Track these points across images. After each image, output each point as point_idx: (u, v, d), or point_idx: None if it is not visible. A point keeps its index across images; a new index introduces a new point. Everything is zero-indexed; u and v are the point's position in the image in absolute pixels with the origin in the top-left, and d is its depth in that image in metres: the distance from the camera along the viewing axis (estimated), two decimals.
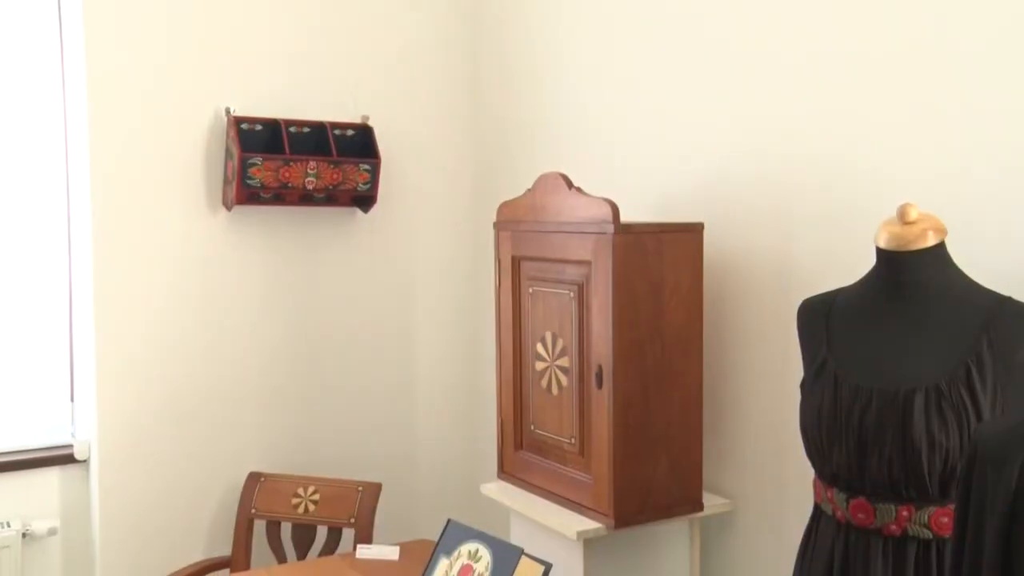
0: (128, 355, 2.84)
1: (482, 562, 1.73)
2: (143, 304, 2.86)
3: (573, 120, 2.90)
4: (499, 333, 2.55)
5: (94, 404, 2.81)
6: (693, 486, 2.28)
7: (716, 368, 2.40)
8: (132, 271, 2.84)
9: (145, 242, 2.86)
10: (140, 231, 2.85)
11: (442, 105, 3.31)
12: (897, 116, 1.97)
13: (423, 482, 3.30)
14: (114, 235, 2.82)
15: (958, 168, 1.85)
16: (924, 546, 1.56)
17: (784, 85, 2.21)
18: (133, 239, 2.84)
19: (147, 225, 2.86)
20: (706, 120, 2.43)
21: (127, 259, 2.84)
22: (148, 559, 2.85)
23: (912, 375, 1.56)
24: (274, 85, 3.01)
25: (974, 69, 1.83)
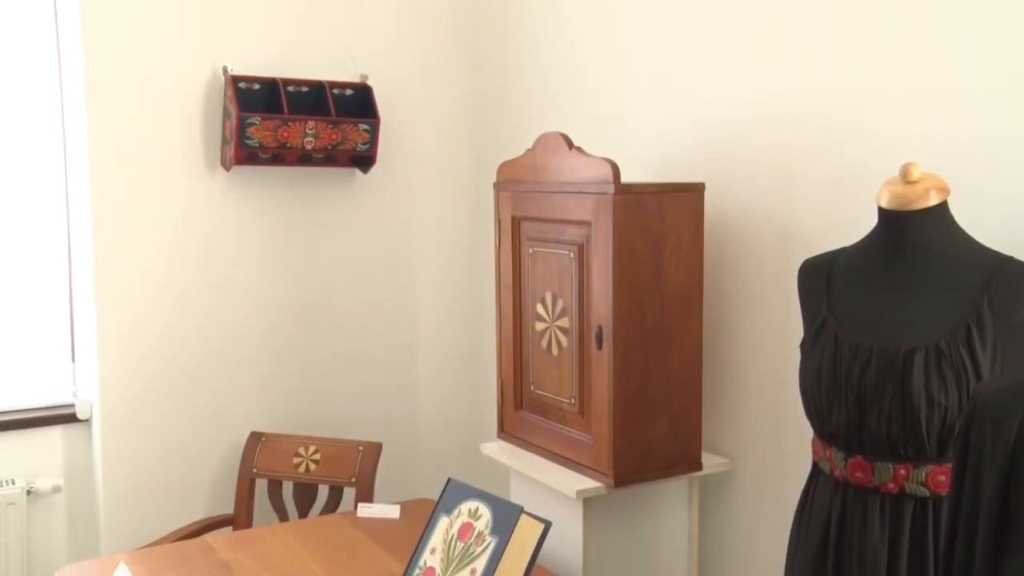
0: (128, 316, 2.84)
1: (482, 520, 1.74)
2: (142, 265, 2.86)
3: (574, 79, 2.87)
4: (499, 294, 2.55)
5: (95, 365, 2.82)
6: (692, 446, 2.29)
7: (716, 328, 2.40)
8: (130, 231, 2.83)
9: (143, 202, 2.85)
10: (138, 191, 2.84)
11: (442, 64, 3.28)
12: (900, 75, 1.95)
13: (423, 442, 3.32)
14: (112, 195, 2.81)
15: (962, 127, 1.84)
16: (921, 504, 1.57)
17: (785, 45, 2.19)
18: (131, 199, 2.83)
19: (145, 185, 2.85)
20: (707, 80, 2.41)
21: (125, 219, 2.83)
22: (151, 517, 2.87)
23: (912, 334, 1.57)
24: (272, 43, 2.98)
25: (978, 28, 1.81)
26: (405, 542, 2.25)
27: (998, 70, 1.78)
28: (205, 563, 2.19)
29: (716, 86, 2.39)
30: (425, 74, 3.25)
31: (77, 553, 2.91)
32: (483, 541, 1.71)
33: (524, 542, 1.70)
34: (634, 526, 2.35)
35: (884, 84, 1.98)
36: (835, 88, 2.08)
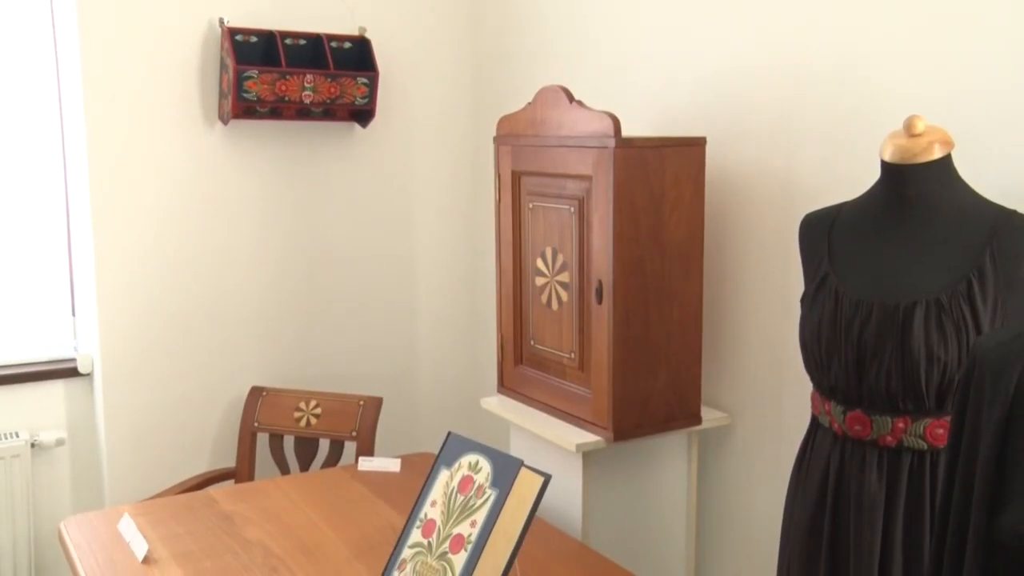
0: (127, 271, 2.84)
1: (482, 473, 1.75)
2: (140, 219, 2.85)
3: (574, 33, 2.84)
4: (499, 249, 2.54)
5: (95, 319, 2.82)
6: (692, 400, 2.30)
7: (716, 283, 2.40)
8: (128, 185, 2.82)
9: (140, 156, 2.83)
10: (135, 145, 2.82)
11: (441, 17, 3.24)
12: (904, 26, 1.92)
13: (423, 396, 3.33)
14: (109, 149, 2.79)
15: (966, 79, 1.82)
16: (918, 457, 1.58)
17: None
18: (128, 153, 2.81)
19: (142, 139, 2.83)
20: (708, 33, 2.38)
21: (123, 173, 2.81)
22: (154, 470, 2.90)
23: (913, 289, 1.56)
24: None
25: None
26: (406, 495, 2.27)
27: (1004, 20, 1.75)
28: (208, 515, 2.22)
29: (718, 39, 2.36)
30: (424, 27, 3.21)
31: (81, 505, 2.94)
32: (483, 494, 1.72)
33: (524, 495, 1.71)
34: (633, 480, 2.37)
35: (888, 35, 1.95)
36: (838, 40, 2.06)
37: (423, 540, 1.76)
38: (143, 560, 1.97)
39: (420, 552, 1.75)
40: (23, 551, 2.82)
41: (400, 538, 1.81)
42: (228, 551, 2.02)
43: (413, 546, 1.77)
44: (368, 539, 2.07)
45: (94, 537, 2.10)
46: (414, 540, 1.78)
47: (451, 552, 1.69)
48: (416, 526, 1.80)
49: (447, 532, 1.73)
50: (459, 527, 1.72)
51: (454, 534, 1.71)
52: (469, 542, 1.68)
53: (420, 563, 1.73)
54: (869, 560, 1.60)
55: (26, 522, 2.82)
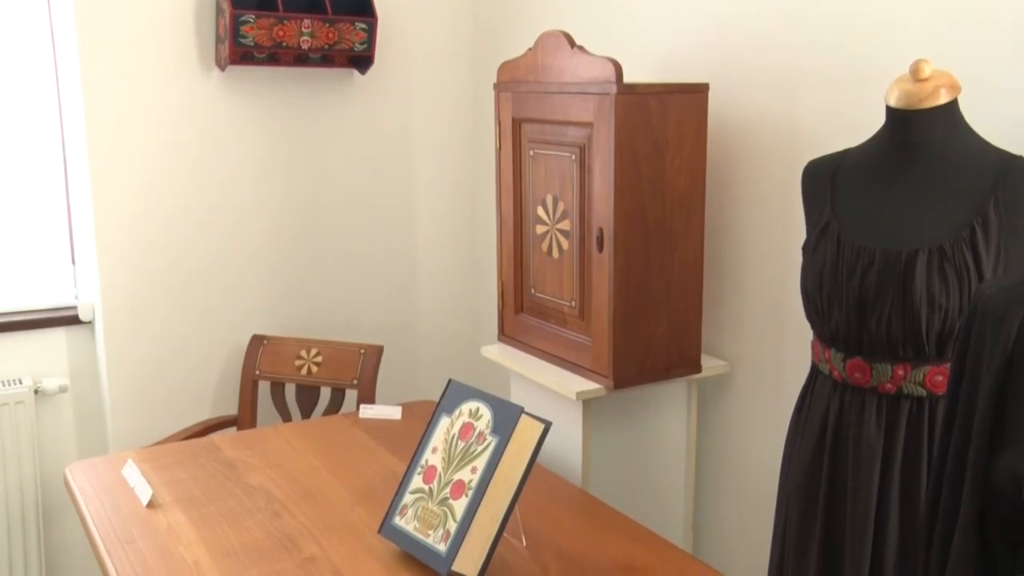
0: (126, 219, 2.83)
1: (483, 420, 1.76)
2: (138, 167, 2.83)
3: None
4: (499, 196, 2.53)
5: (95, 267, 2.82)
6: (692, 348, 2.30)
7: (718, 231, 2.39)
8: (125, 133, 2.80)
9: (137, 103, 2.80)
10: (131, 90, 2.79)
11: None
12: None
13: (424, 345, 3.34)
14: (105, 95, 2.76)
15: (973, 22, 1.78)
16: (917, 404, 1.58)
17: None
18: (124, 99, 2.78)
19: (138, 85, 2.80)
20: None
21: (119, 121, 2.79)
22: (157, 417, 2.92)
23: (916, 236, 1.55)
24: None
25: None
26: (407, 442, 2.28)
27: None
28: (210, 461, 2.23)
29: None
30: None
31: (86, 451, 2.97)
32: (484, 441, 1.73)
33: (524, 442, 1.72)
34: (633, 427, 2.38)
35: None
36: None
37: (424, 486, 1.78)
38: (147, 505, 1.99)
39: (421, 498, 1.76)
40: (30, 495, 2.86)
41: (401, 484, 1.83)
42: (231, 496, 2.04)
43: (414, 492, 1.79)
44: (369, 485, 2.09)
45: (99, 482, 2.12)
46: (415, 486, 1.80)
47: (452, 498, 1.71)
48: (417, 472, 1.81)
49: (448, 478, 1.74)
50: (460, 473, 1.73)
51: (455, 480, 1.73)
52: (470, 488, 1.69)
53: (421, 508, 1.75)
54: (866, 505, 1.62)
55: (32, 467, 2.85)
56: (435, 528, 1.70)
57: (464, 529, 1.66)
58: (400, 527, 1.77)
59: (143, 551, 1.80)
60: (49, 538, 2.95)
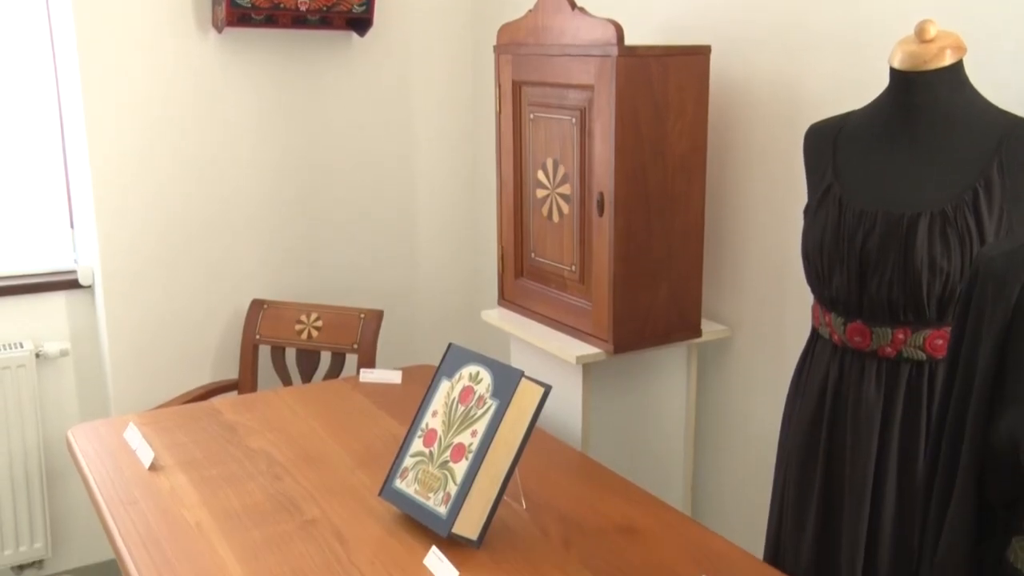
0: (124, 183, 2.81)
1: (483, 384, 1.77)
2: (135, 130, 2.81)
3: None
4: (499, 160, 2.52)
5: (94, 232, 2.81)
6: (692, 312, 2.30)
7: (719, 195, 2.38)
8: (122, 95, 2.77)
9: (134, 66, 2.78)
10: (127, 53, 2.76)
11: None
12: None
13: (424, 309, 3.34)
14: (102, 59, 2.73)
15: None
16: (917, 367, 1.59)
17: None
18: (121, 63, 2.76)
19: (135, 48, 2.77)
20: None
21: (116, 84, 2.76)
22: (158, 381, 2.93)
23: (918, 199, 1.55)
24: None
25: None
26: (407, 406, 2.29)
27: None
28: (212, 425, 2.24)
29: None
30: None
31: (87, 414, 2.98)
32: (484, 404, 1.73)
33: (524, 406, 1.72)
34: (633, 391, 2.39)
35: None
36: None
37: (424, 449, 1.78)
38: (149, 467, 2.00)
39: (422, 461, 1.77)
40: (33, 458, 2.88)
41: (402, 447, 1.83)
42: (232, 459, 2.05)
43: (415, 455, 1.80)
44: (370, 448, 2.10)
45: (101, 445, 2.13)
46: (416, 449, 1.80)
47: (452, 461, 1.72)
48: (417, 436, 1.82)
49: (448, 441, 1.75)
50: (460, 437, 1.74)
51: (455, 443, 1.74)
52: (470, 451, 1.70)
53: (422, 471, 1.76)
54: (864, 467, 1.63)
55: (35, 430, 2.87)
56: (435, 491, 1.71)
57: (464, 492, 1.66)
58: (401, 490, 1.78)
59: (146, 513, 1.81)
60: (53, 500, 2.97)
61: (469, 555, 1.65)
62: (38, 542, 2.91)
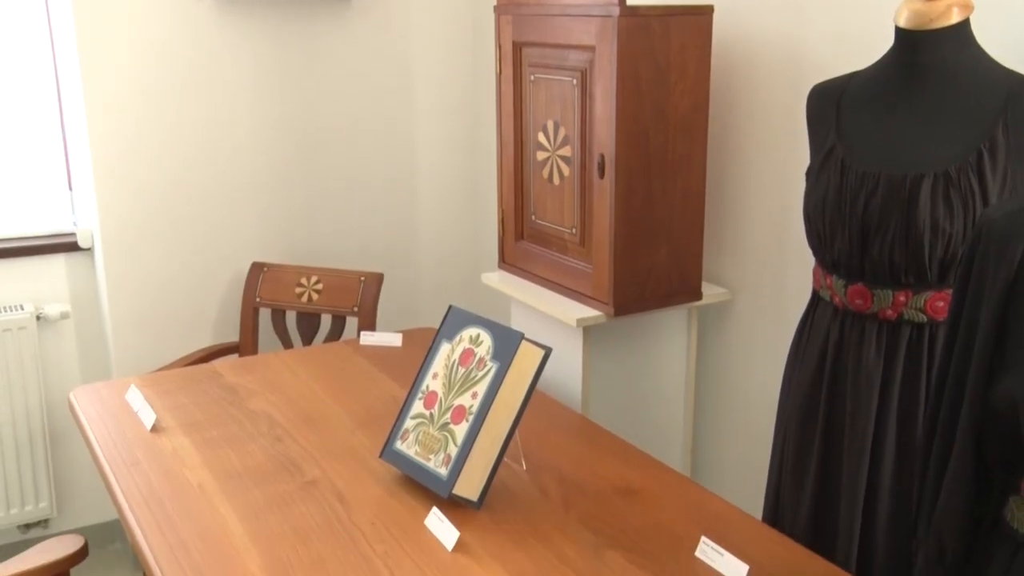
0: (122, 146, 2.80)
1: (483, 346, 1.77)
2: (132, 93, 2.78)
3: None
4: (500, 122, 2.50)
5: (92, 194, 2.80)
6: (693, 275, 2.30)
7: (720, 156, 2.37)
8: (119, 59, 2.75)
9: (130, 28, 2.75)
10: (124, 16, 2.73)
11: None
12: None
13: (424, 273, 3.34)
14: (98, 21, 2.70)
15: None
16: (917, 330, 1.58)
17: None
18: (117, 25, 2.73)
19: (131, 10, 2.74)
20: None
21: (112, 46, 2.73)
22: (159, 344, 2.93)
23: (922, 160, 1.54)
24: None
25: None
26: (407, 369, 2.30)
27: None
28: (212, 387, 2.25)
29: None
30: None
31: (89, 377, 2.99)
32: (484, 366, 1.74)
33: (524, 368, 1.73)
34: (633, 354, 2.39)
35: None
36: None
37: (425, 411, 1.79)
38: (151, 429, 2.01)
39: (422, 423, 1.78)
40: (36, 419, 2.89)
41: (402, 409, 1.84)
42: (234, 421, 2.06)
43: (415, 417, 1.80)
44: (370, 410, 2.11)
45: (103, 407, 2.14)
46: (416, 411, 1.81)
47: (453, 423, 1.73)
48: (418, 398, 1.82)
49: (448, 403, 1.76)
50: (460, 399, 1.74)
51: (455, 405, 1.74)
52: (470, 413, 1.71)
53: (422, 433, 1.77)
54: (864, 430, 1.63)
55: (37, 392, 2.88)
56: (436, 452, 1.72)
57: (465, 453, 1.67)
58: (401, 451, 1.78)
59: (148, 473, 1.82)
60: (56, 460, 2.99)
61: (470, 516, 1.66)
62: (43, 502, 2.94)
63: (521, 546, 1.56)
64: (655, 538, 1.58)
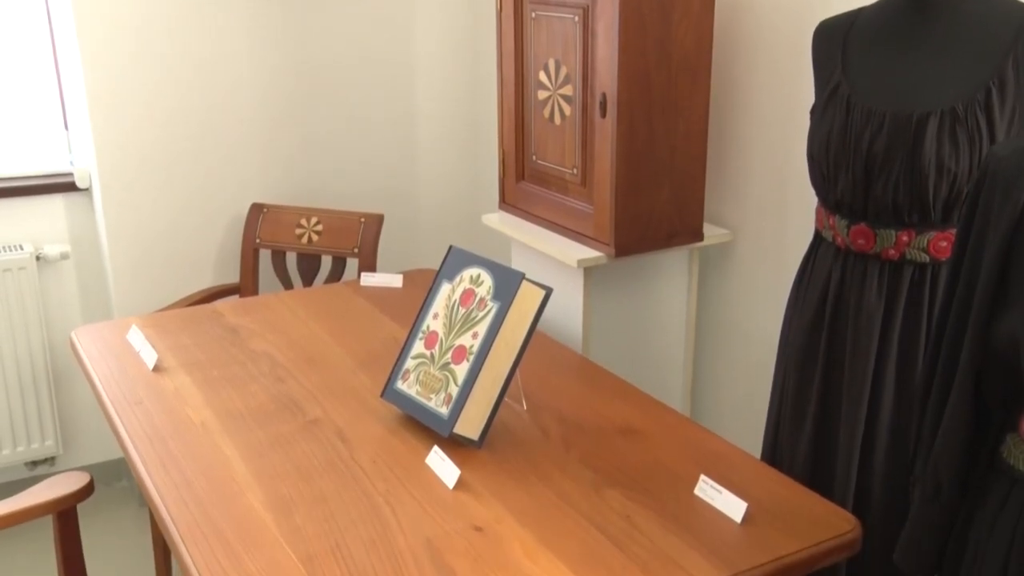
0: (118, 84, 2.76)
1: (484, 286, 1.76)
2: (128, 27, 2.74)
3: None
4: (500, 61, 2.46)
5: (89, 133, 2.77)
6: (694, 216, 2.29)
7: (723, 95, 2.34)
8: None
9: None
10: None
11: None
12: None
13: (424, 214, 3.32)
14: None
15: None
16: (919, 270, 1.58)
17: None
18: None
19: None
20: None
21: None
22: (159, 285, 2.93)
23: (929, 98, 1.51)
24: None
25: None
26: (408, 309, 2.30)
27: None
28: (213, 327, 2.25)
29: None
30: None
31: (90, 317, 2.99)
32: (485, 307, 1.74)
33: (525, 308, 1.72)
34: (634, 295, 2.39)
35: None
36: None
37: (426, 351, 1.79)
38: (153, 369, 2.02)
39: (423, 363, 1.78)
40: (39, 358, 2.90)
41: (403, 349, 1.84)
42: (235, 361, 2.06)
43: (416, 357, 1.81)
44: (371, 351, 2.11)
45: (105, 346, 2.14)
46: (417, 351, 1.81)
47: (453, 363, 1.73)
48: (419, 338, 1.83)
49: (449, 344, 1.76)
50: (461, 339, 1.74)
51: (456, 345, 1.74)
52: (471, 353, 1.71)
53: (423, 373, 1.77)
54: (863, 370, 1.64)
55: (39, 332, 2.88)
56: (437, 392, 1.73)
57: (466, 393, 1.68)
58: (402, 391, 1.79)
59: (151, 412, 1.83)
60: (61, 399, 3.01)
61: (470, 454, 1.67)
62: (49, 440, 2.97)
63: (522, 484, 1.58)
64: (655, 477, 1.60)
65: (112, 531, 2.88)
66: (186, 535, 1.45)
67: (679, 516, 1.48)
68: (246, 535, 1.44)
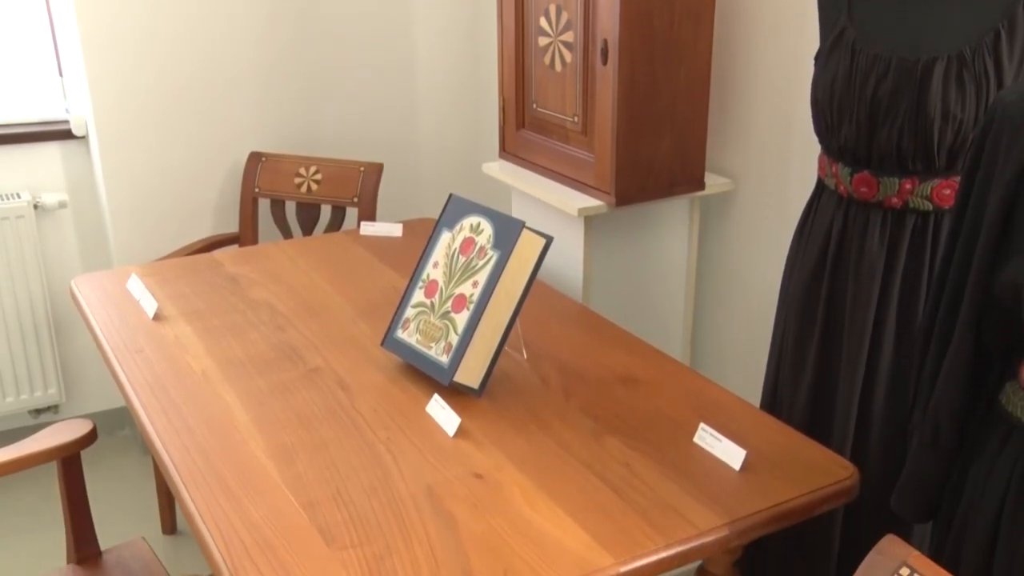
0: (112, 29, 2.72)
1: (484, 235, 1.76)
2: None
3: None
4: (501, 7, 2.42)
5: (84, 80, 2.74)
6: (696, 165, 2.27)
7: (726, 42, 2.30)
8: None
9: None
10: None
11: None
12: None
13: (424, 163, 3.30)
14: None
15: None
16: (922, 218, 1.57)
17: None
18: None
19: None
20: None
21: None
22: (158, 234, 2.92)
23: (936, 43, 1.49)
24: None
25: None
26: (408, 259, 2.29)
27: None
28: (213, 276, 2.25)
29: None
30: None
31: (89, 266, 2.99)
32: (485, 255, 1.73)
33: (525, 257, 1.72)
34: (635, 244, 2.39)
35: None
36: None
37: (426, 300, 1.79)
38: (153, 317, 2.02)
39: (423, 312, 1.78)
40: (40, 307, 2.90)
41: (403, 298, 1.84)
42: (235, 310, 2.06)
43: (416, 306, 1.80)
44: (371, 300, 2.11)
45: (104, 295, 2.14)
46: (417, 300, 1.81)
47: (453, 311, 1.73)
48: (419, 287, 1.82)
49: (449, 292, 1.76)
50: (461, 287, 1.74)
51: (456, 294, 1.74)
52: (471, 302, 1.71)
53: (423, 322, 1.77)
54: (864, 318, 1.64)
55: (39, 280, 2.88)
56: (437, 341, 1.73)
57: (466, 342, 1.68)
58: (402, 340, 1.79)
59: (152, 360, 1.84)
60: (62, 348, 3.02)
61: (471, 403, 1.68)
62: (51, 388, 2.98)
63: (522, 432, 1.59)
64: (654, 425, 1.60)
65: (116, 479, 2.91)
66: (188, 481, 1.46)
67: (678, 464, 1.49)
68: (248, 481, 1.45)
